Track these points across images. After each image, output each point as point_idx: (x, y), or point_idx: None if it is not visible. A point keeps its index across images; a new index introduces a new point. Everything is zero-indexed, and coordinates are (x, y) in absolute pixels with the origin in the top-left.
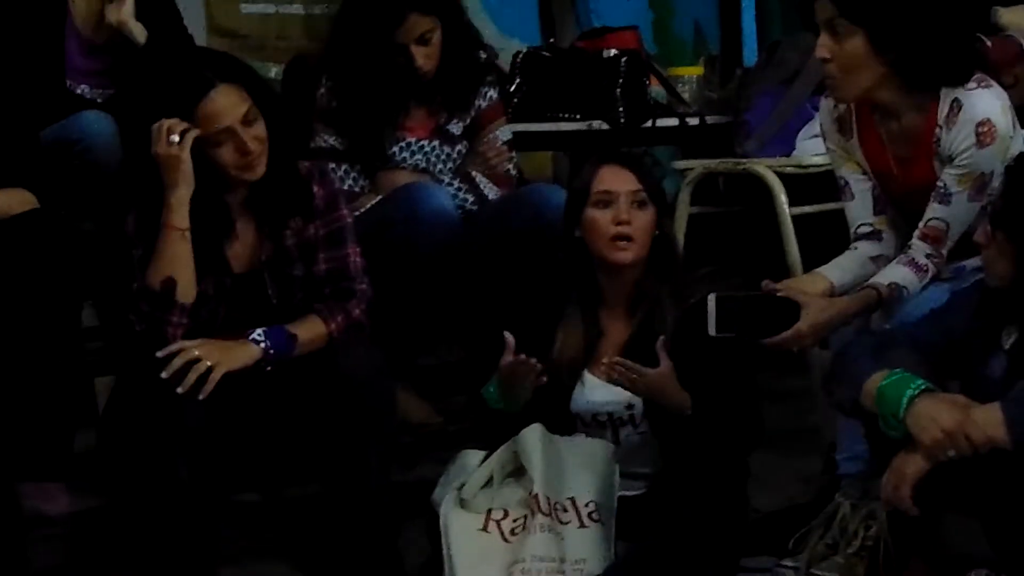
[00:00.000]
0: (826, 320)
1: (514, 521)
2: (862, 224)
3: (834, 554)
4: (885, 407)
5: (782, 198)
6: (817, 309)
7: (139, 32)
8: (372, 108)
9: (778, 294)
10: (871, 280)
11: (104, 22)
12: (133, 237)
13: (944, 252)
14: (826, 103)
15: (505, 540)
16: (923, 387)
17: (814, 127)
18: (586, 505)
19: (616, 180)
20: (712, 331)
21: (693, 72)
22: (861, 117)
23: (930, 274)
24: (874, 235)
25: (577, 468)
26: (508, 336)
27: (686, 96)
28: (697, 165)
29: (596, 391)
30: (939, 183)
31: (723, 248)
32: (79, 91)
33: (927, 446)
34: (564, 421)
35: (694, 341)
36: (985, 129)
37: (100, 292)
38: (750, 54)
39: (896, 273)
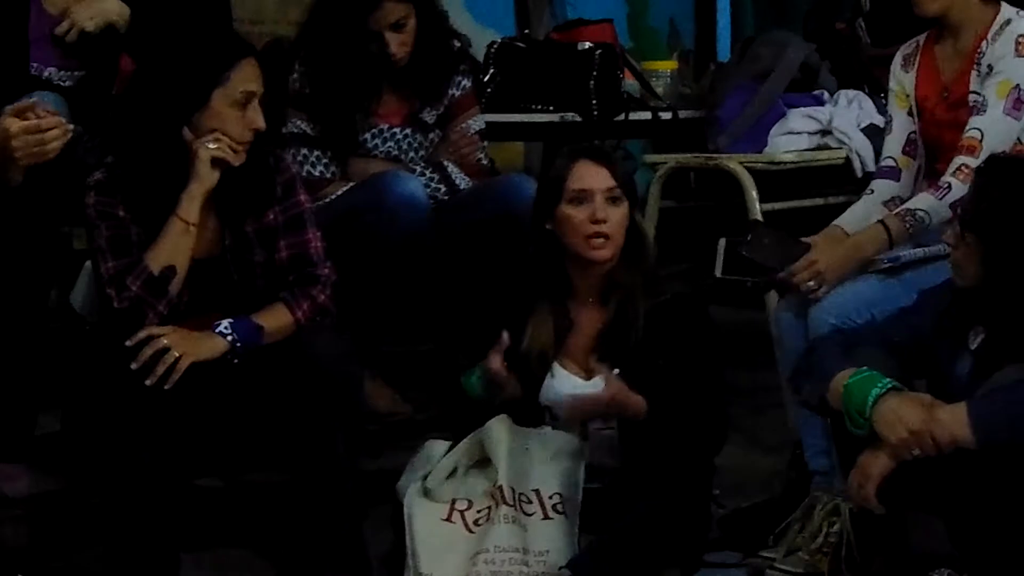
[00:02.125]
0: (840, 255)
1: (478, 512)
2: (888, 157)
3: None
4: (852, 405)
5: (753, 194)
6: (828, 243)
7: (120, 15)
8: (345, 94)
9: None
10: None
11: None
12: (95, 219)
13: (975, 168)
14: (903, 47)
15: (469, 531)
16: (890, 386)
17: (786, 124)
18: (550, 497)
19: (592, 177)
20: (718, 273)
21: (667, 66)
22: (925, 49)
23: (952, 192)
24: (893, 172)
25: (543, 460)
26: (504, 335)
27: (659, 90)
28: (669, 159)
29: (566, 383)
30: (978, 97)
31: (693, 242)
32: (46, 74)
33: (892, 445)
34: (533, 413)
35: (664, 336)
36: None
37: (64, 275)
38: (724, 50)
39: (913, 201)
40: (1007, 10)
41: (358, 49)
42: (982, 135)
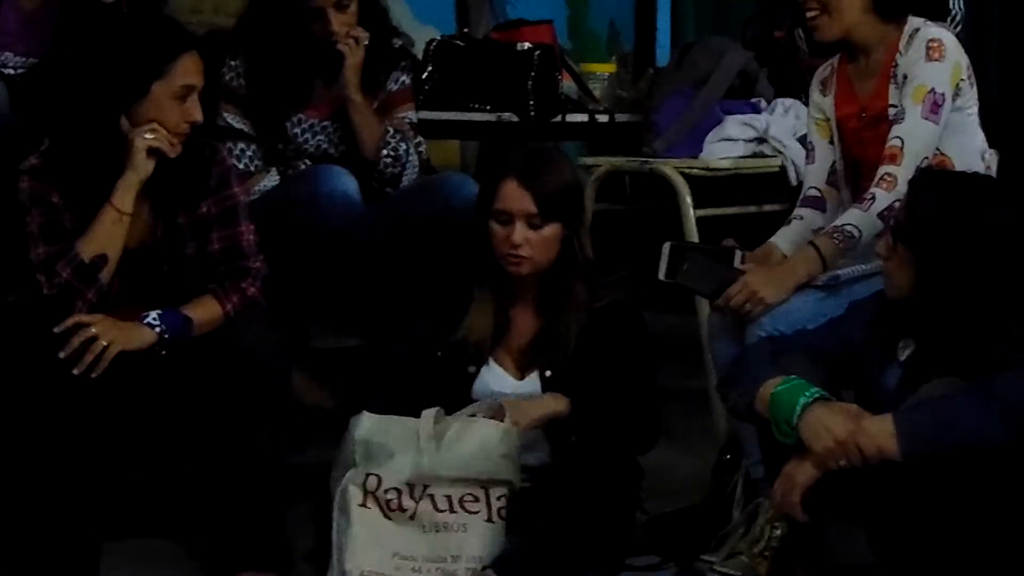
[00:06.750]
0: (774, 278)
1: (387, 493)
2: (812, 187)
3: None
4: (779, 413)
5: (687, 199)
6: (761, 267)
7: None
8: (279, 84)
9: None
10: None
11: None
12: (28, 204)
13: (898, 176)
14: (819, 71)
15: (386, 516)
16: (817, 395)
17: (723, 130)
18: (498, 499)
19: (514, 200)
20: (661, 276)
21: (605, 69)
22: (840, 70)
23: (877, 202)
24: (818, 202)
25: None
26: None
27: (597, 93)
28: (604, 162)
29: (498, 379)
30: (897, 108)
31: (626, 246)
32: (1, 58)
33: (818, 454)
34: (463, 405)
35: (598, 341)
36: (935, 45)
37: None
38: (663, 54)
39: (841, 217)
40: (914, 21)
41: (299, 29)
42: (903, 143)
